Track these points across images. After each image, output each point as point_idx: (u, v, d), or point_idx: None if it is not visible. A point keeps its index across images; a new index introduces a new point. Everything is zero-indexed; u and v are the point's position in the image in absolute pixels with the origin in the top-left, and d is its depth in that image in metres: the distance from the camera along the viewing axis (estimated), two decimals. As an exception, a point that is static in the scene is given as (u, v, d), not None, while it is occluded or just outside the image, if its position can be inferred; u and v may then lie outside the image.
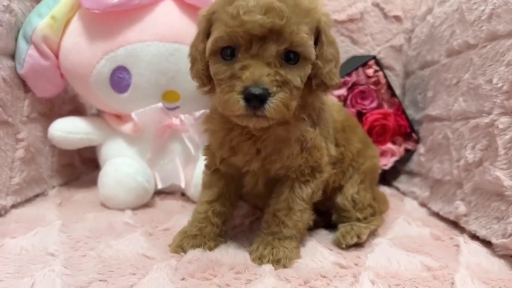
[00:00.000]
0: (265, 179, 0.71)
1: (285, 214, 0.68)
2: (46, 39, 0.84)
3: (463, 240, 0.77)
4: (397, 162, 1.12)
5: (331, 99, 0.83)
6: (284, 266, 0.65)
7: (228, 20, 0.55)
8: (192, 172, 0.94)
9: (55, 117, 0.95)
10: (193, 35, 0.72)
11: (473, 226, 0.77)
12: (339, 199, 0.78)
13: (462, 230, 0.81)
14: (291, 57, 0.58)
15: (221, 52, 0.58)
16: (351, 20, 1.18)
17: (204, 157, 0.75)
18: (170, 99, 0.90)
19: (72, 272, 0.59)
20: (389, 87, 1.07)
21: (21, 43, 0.84)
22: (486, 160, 0.75)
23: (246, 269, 0.63)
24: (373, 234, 0.79)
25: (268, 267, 0.62)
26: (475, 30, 0.82)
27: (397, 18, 1.20)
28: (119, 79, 0.86)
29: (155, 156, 0.93)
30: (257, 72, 0.55)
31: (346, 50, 1.20)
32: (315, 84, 0.63)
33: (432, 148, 0.98)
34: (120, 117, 0.93)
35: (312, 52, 0.59)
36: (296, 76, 0.58)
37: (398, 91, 1.21)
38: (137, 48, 0.84)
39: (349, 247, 0.73)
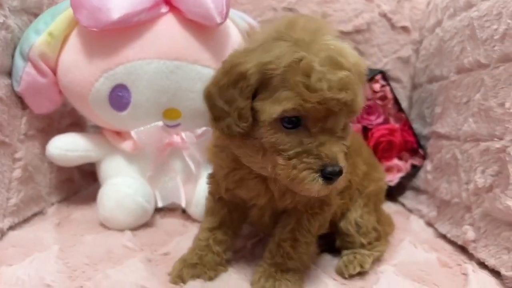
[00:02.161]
0: (272, 212, 0.69)
1: (290, 245, 0.66)
2: (43, 56, 0.82)
3: (471, 268, 0.74)
4: (403, 178, 1.10)
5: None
6: None
7: (305, 93, 0.51)
8: (193, 190, 0.92)
9: (54, 132, 0.93)
10: (194, 53, 0.69)
11: (482, 254, 0.75)
12: (342, 224, 0.76)
13: (470, 255, 0.79)
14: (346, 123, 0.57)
15: (281, 118, 0.53)
16: (357, 31, 1.14)
17: (208, 184, 0.73)
18: (171, 116, 0.87)
19: (67, 307, 0.57)
20: (396, 101, 1.05)
21: (18, 61, 0.82)
22: (497, 186, 0.73)
23: (246, 301, 0.61)
24: (378, 259, 0.78)
25: (268, 302, 0.61)
26: (487, 50, 0.79)
27: (405, 29, 1.17)
28: (119, 97, 0.83)
29: (156, 174, 0.91)
30: (335, 149, 0.54)
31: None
32: None
33: (439, 167, 0.96)
34: (120, 134, 0.91)
35: None
36: (348, 140, 0.59)
37: (404, 104, 1.18)
38: (136, 66, 0.81)
39: (352, 276, 0.71)
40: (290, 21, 0.57)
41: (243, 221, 0.75)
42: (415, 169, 1.08)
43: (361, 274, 0.72)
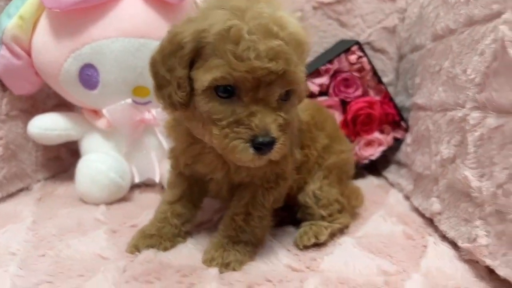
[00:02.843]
0: (229, 186, 0.70)
1: (243, 219, 0.67)
2: (16, 39, 0.85)
3: (433, 240, 0.73)
4: (387, 151, 1.07)
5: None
6: (234, 269, 0.64)
7: (233, 61, 0.51)
8: (167, 165, 0.94)
9: (39, 112, 0.98)
10: (159, 30, 0.69)
11: (444, 226, 0.73)
12: (301, 196, 0.76)
13: (436, 228, 0.77)
14: (286, 94, 0.57)
15: (215, 88, 0.54)
16: (338, 1, 1.10)
17: (169, 159, 0.75)
18: (141, 94, 0.89)
19: (24, 273, 0.61)
20: (375, 73, 1.01)
21: (-7, 45, 0.86)
22: (459, 157, 0.70)
23: (193, 272, 0.63)
24: (340, 232, 0.77)
25: (214, 271, 0.62)
26: (455, 14, 0.75)
27: (390, -3, 1.12)
28: (88, 76, 0.86)
29: (131, 151, 0.94)
30: (266, 120, 0.54)
31: (334, 33, 1.14)
32: None
33: (416, 139, 0.93)
34: (97, 112, 0.94)
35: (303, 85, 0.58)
36: (291, 113, 0.59)
37: (391, 76, 1.14)
38: (102, 45, 0.84)
39: (307, 247, 0.71)
40: None
41: (204, 194, 0.76)
42: (398, 142, 1.05)
43: (318, 245, 0.72)
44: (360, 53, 0.99)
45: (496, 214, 0.59)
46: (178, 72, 0.55)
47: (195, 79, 0.55)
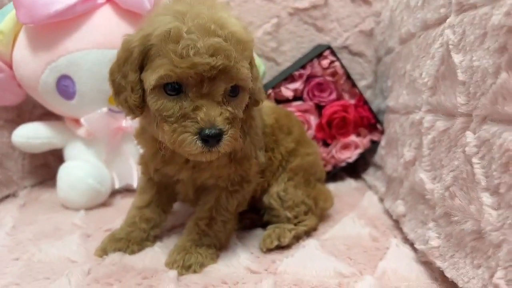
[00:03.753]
0: (195, 187, 0.72)
1: (206, 223, 0.70)
2: (-3, 52, 0.90)
3: (395, 242, 0.74)
4: (365, 153, 1.08)
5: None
6: (194, 272, 0.66)
7: (175, 59, 0.54)
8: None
9: (25, 122, 1.02)
10: None
11: (406, 228, 0.74)
12: (265, 198, 0.78)
13: (402, 231, 0.78)
14: (234, 91, 0.59)
15: (163, 86, 0.57)
16: (314, 6, 1.12)
17: (139, 165, 0.77)
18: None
19: (-5, 276, 0.65)
20: (348, 77, 1.02)
21: (-23, 59, 0.91)
22: (417, 159, 0.71)
23: (155, 274, 0.65)
24: (307, 234, 0.79)
25: (173, 273, 0.64)
26: (414, 18, 0.76)
27: (365, 1, 1.13)
28: (65, 87, 0.90)
29: (111, 157, 0.97)
30: (211, 113, 0.56)
31: (310, 39, 1.15)
32: (249, 103, 0.65)
33: (388, 142, 0.94)
34: (77, 121, 0.98)
35: (250, 82, 0.60)
36: (240, 109, 0.61)
37: (370, 79, 1.15)
38: (76, 56, 0.87)
39: (270, 250, 0.73)
40: None
41: (173, 200, 0.79)
42: (375, 144, 1.06)
43: (283, 247, 0.74)
44: (333, 58, 1.00)
45: (444, 216, 0.60)
46: (130, 76, 0.59)
47: (144, 80, 0.58)
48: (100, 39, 0.87)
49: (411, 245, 0.72)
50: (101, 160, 0.98)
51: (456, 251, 0.57)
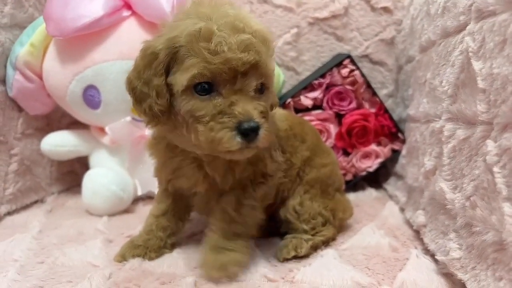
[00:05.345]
0: (217, 197, 0.71)
1: (234, 208, 0.68)
2: (28, 64, 0.94)
3: (416, 253, 0.72)
4: (386, 163, 1.07)
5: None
6: (230, 273, 0.64)
7: (208, 56, 0.54)
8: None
9: (54, 130, 1.06)
10: None
11: (426, 239, 0.72)
12: (282, 212, 0.77)
13: (423, 242, 0.76)
14: (261, 88, 0.60)
15: (194, 87, 0.57)
16: (334, 16, 1.12)
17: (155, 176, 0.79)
18: (139, 112, 0.95)
19: (21, 278, 0.67)
20: (369, 86, 1.02)
21: (9, 70, 0.95)
22: (437, 168, 0.70)
23: (173, 279, 0.66)
24: (325, 244, 0.78)
25: (191, 279, 0.65)
26: (434, 25, 0.76)
27: (386, 10, 1.12)
28: (91, 97, 0.93)
29: (133, 165, 1.00)
30: (248, 107, 0.56)
31: (331, 48, 1.15)
32: None
33: (409, 151, 0.92)
34: (102, 130, 1.01)
35: (274, 80, 0.62)
36: (267, 106, 0.62)
37: (391, 87, 1.14)
38: (102, 67, 0.91)
39: (287, 260, 0.72)
40: (195, 1, 0.62)
41: (190, 209, 0.79)
42: (396, 154, 1.04)
43: (301, 257, 0.73)
44: (352, 67, 1.00)
45: (466, 226, 0.59)
46: (155, 81, 0.58)
47: (173, 83, 0.57)
48: (125, 50, 0.90)
49: (432, 256, 0.70)
50: (124, 168, 1.01)
51: (478, 262, 0.55)
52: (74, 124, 1.18)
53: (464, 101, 0.60)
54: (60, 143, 1.01)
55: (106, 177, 0.94)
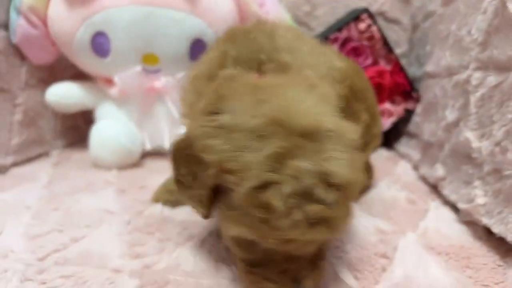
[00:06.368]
0: None
1: None
2: (33, 9, 0.89)
3: (434, 205, 0.73)
4: (399, 123, 1.06)
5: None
6: None
7: (262, 227, 0.38)
8: (176, 133, 0.96)
9: (57, 82, 1.02)
10: None
11: (446, 191, 0.73)
12: None
13: (440, 195, 0.77)
14: None
15: None
16: (350, -29, 1.09)
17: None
18: (150, 61, 0.92)
19: (37, 223, 0.65)
20: (385, 42, 1.00)
21: (12, 14, 0.90)
22: (462, 119, 0.69)
23: (195, 225, 0.65)
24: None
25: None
26: (463, -26, 0.73)
27: (403, -35, 1.09)
28: (99, 44, 0.89)
29: (142, 118, 0.97)
30: None
31: (345, 4, 1.12)
32: None
33: (425, 108, 0.92)
34: (109, 81, 0.98)
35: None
36: None
37: (405, 47, 1.12)
38: (112, 13, 0.86)
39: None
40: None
41: None
42: (409, 113, 1.04)
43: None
44: (370, 21, 0.97)
45: (493, 172, 0.58)
46: (201, 186, 0.43)
47: (220, 208, 0.43)
48: (138, -6, 0.86)
49: (452, 207, 0.71)
50: (132, 120, 0.98)
51: (505, 206, 0.55)
52: (78, 76, 1.13)
53: (496, 46, 0.59)
54: (66, 94, 0.97)
55: (114, 129, 0.92)
